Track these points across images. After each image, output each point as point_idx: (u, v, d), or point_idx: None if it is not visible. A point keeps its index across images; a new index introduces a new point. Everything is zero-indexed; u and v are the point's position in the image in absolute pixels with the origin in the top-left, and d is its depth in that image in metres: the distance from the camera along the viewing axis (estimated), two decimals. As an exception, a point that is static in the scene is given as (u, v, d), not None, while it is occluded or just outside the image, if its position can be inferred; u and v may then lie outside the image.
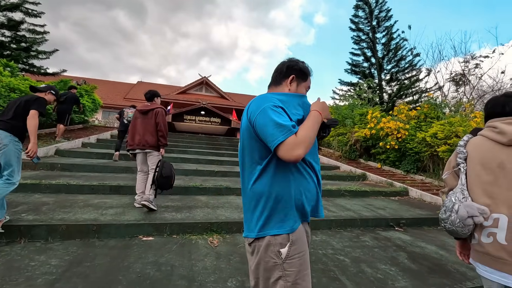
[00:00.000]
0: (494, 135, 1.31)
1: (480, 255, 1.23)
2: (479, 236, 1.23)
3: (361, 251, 2.77)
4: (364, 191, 5.27)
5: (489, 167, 1.28)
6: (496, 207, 1.20)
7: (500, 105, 1.37)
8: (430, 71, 15.15)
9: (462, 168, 1.37)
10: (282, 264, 1.03)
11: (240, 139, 1.21)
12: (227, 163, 6.99)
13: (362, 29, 16.00)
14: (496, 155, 1.27)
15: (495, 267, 1.17)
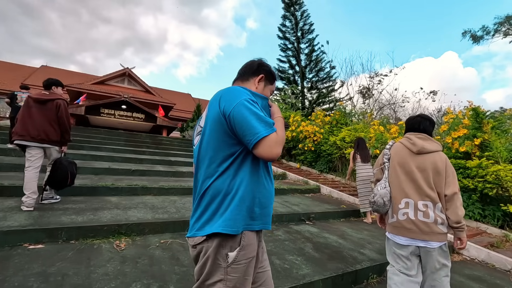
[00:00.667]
0: (409, 145, 1.88)
1: (398, 229, 1.80)
2: (396, 216, 1.82)
3: (273, 244, 2.94)
4: (283, 189, 5.63)
5: (403, 167, 1.86)
6: (406, 195, 1.80)
7: (417, 123, 1.94)
8: (343, 83, 17.19)
9: (386, 166, 1.95)
10: (226, 268, 0.99)
11: (202, 132, 1.11)
12: (148, 162, 6.55)
13: (288, 38, 17.12)
14: (408, 160, 1.86)
15: (408, 235, 1.76)
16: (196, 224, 1.04)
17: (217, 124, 1.03)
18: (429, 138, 1.89)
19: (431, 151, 1.83)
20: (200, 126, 1.19)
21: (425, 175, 1.79)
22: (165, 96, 25.96)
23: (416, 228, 1.74)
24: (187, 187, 4.51)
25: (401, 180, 1.85)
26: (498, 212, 4.78)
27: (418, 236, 1.73)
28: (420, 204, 1.76)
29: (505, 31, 16.52)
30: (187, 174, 5.82)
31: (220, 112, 1.03)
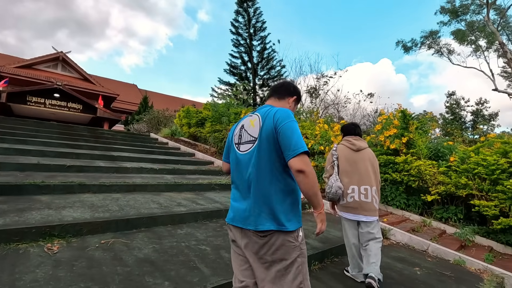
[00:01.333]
0: (350, 145, 2.67)
1: (347, 208, 2.58)
2: (346, 199, 2.57)
3: (222, 239, 2.96)
4: (233, 184, 5.67)
5: (349, 162, 2.59)
6: (352, 183, 2.54)
7: (352, 129, 2.80)
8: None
9: (335, 163, 2.63)
10: (299, 245, 1.32)
11: (258, 144, 1.32)
12: (86, 157, 5.98)
13: (241, 34, 17.16)
14: (352, 156, 2.62)
15: (354, 212, 2.54)
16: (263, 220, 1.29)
17: (272, 136, 1.29)
18: (360, 139, 2.74)
19: (365, 147, 2.68)
20: (248, 133, 1.39)
21: (365, 166, 2.57)
22: (107, 85, 23.90)
23: (360, 207, 2.51)
24: (132, 184, 4.26)
25: (348, 172, 2.57)
26: (419, 201, 5.52)
27: (360, 212, 2.52)
28: (362, 189, 2.51)
29: (429, 44, 18.97)
30: (132, 170, 5.48)
31: (273, 126, 1.29)
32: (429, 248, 3.84)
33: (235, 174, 1.45)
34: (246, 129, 1.42)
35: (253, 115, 1.44)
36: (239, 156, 1.41)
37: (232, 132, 1.54)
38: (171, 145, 10.63)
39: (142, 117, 16.98)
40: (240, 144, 1.43)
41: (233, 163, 1.47)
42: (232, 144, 1.49)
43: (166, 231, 3.00)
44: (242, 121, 1.49)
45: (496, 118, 25.42)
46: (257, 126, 1.35)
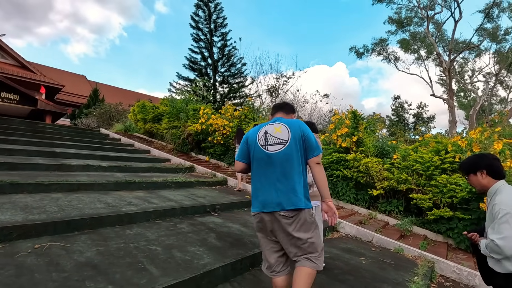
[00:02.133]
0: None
1: (313, 197, 2.24)
2: (313, 188, 2.55)
3: (176, 238, 2.87)
4: (190, 182, 5.53)
5: None
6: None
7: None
8: (253, 80, 18.04)
9: None
10: (313, 218, 1.81)
11: (289, 145, 1.77)
12: (21, 153, 5.35)
13: (201, 28, 16.75)
14: None
15: (315, 199, 2.39)
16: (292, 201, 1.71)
17: (300, 140, 1.79)
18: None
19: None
20: (276, 137, 1.80)
21: None
22: (51, 75, 21.65)
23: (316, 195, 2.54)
24: (76, 182, 3.91)
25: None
26: (366, 196, 5.95)
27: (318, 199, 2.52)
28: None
29: (378, 50, 20.50)
30: (77, 167, 5.04)
31: (300, 132, 1.80)
32: (373, 239, 4.15)
33: (261, 170, 1.82)
34: (271, 134, 1.83)
35: (275, 124, 1.88)
36: (269, 154, 1.79)
37: (255, 137, 1.88)
38: (124, 141, 10.01)
39: (92, 111, 15.72)
40: (268, 145, 1.81)
41: (259, 161, 1.83)
42: (257, 146, 1.84)
43: (113, 232, 2.81)
44: (264, 127, 1.90)
45: (433, 120, 28.49)
46: (285, 132, 1.81)
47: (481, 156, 1.96)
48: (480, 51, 20.05)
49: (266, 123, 1.93)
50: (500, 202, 1.71)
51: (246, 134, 1.99)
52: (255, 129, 1.94)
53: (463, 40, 19.84)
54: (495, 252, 1.68)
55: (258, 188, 1.81)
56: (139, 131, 12.69)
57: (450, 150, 4.91)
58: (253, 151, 1.86)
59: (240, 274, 2.55)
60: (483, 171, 1.83)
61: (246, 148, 1.93)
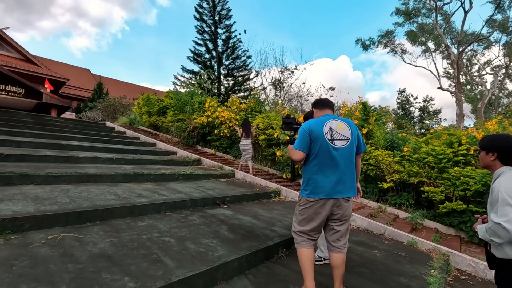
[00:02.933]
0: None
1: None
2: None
3: (188, 230, 2.83)
4: (197, 174, 5.48)
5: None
6: None
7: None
8: (258, 73, 17.87)
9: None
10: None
11: (350, 142, 2.09)
12: (29, 145, 5.33)
13: (205, 20, 16.56)
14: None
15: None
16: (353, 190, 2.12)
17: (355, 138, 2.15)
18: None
19: None
20: (340, 133, 2.08)
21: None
22: (55, 68, 21.65)
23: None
24: (85, 174, 3.88)
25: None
26: (376, 189, 5.87)
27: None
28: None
29: (385, 43, 20.15)
30: (85, 159, 5.01)
31: (356, 132, 2.15)
32: (385, 232, 4.09)
33: (326, 161, 2.04)
34: (335, 130, 2.07)
35: (336, 121, 2.11)
36: (337, 148, 2.04)
37: (321, 130, 2.05)
38: (130, 134, 9.98)
39: (97, 105, 15.71)
40: (334, 140, 2.05)
41: (324, 153, 2.04)
42: (324, 139, 2.04)
43: (124, 223, 2.77)
44: (327, 123, 2.09)
45: (439, 114, 28.13)
46: (347, 130, 2.11)
47: (501, 138, 1.83)
48: (490, 43, 19.63)
49: (325, 118, 2.13)
50: (500, 185, 1.64)
51: (307, 126, 2.08)
52: (317, 123, 2.10)
53: (472, 32, 19.43)
54: (497, 236, 1.61)
55: (321, 178, 2.04)
56: (144, 124, 12.66)
57: (464, 142, 4.80)
58: (320, 144, 2.04)
59: (255, 266, 2.50)
60: (494, 153, 1.74)
61: (309, 140, 2.06)
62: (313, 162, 2.08)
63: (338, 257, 2.10)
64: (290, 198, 5.39)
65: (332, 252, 2.13)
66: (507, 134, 1.86)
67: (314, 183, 2.07)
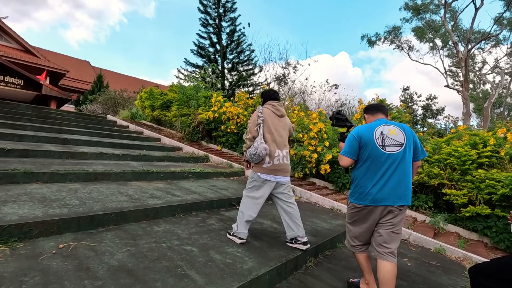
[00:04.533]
0: (274, 110, 2.67)
1: (271, 171, 2.52)
2: (273, 161, 2.53)
3: (209, 236, 2.60)
4: (208, 172, 5.25)
5: (274, 126, 2.59)
6: (277, 146, 2.55)
7: (275, 94, 2.80)
8: (261, 69, 17.53)
9: (261, 125, 2.55)
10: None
11: (404, 147, 1.99)
12: (31, 139, 5.07)
13: (210, 13, 16.14)
14: (276, 121, 2.63)
15: (277, 174, 2.54)
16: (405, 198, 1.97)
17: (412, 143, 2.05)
18: (282, 105, 2.78)
19: (285, 115, 2.75)
20: (392, 139, 2.00)
21: (285, 131, 2.69)
22: (55, 60, 21.24)
23: (283, 169, 2.59)
24: (93, 172, 3.63)
25: (273, 136, 2.57)
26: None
27: (283, 174, 2.59)
28: (284, 152, 2.60)
29: (391, 39, 19.82)
30: (91, 155, 4.76)
31: (412, 137, 2.04)
32: (410, 237, 3.88)
33: (377, 167, 1.99)
34: (387, 135, 2.02)
35: (388, 126, 2.06)
36: (388, 154, 1.98)
37: (371, 136, 2.03)
38: (132, 128, 9.73)
39: (97, 97, 15.38)
40: (385, 146, 2.00)
41: (375, 159, 2.00)
42: (374, 145, 2.00)
43: (140, 228, 2.54)
44: (378, 128, 2.05)
45: (442, 112, 27.95)
46: (401, 135, 2.02)
47: None
48: (498, 41, 19.34)
49: (376, 123, 2.10)
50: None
51: (357, 132, 2.09)
52: (367, 129, 2.08)
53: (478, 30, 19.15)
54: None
55: (371, 184, 1.99)
56: (146, 118, 12.38)
57: (492, 143, 4.57)
58: (370, 150, 2.02)
59: (285, 278, 2.29)
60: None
61: (358, 146, 2.06)
62: (362, 168, 2.06)
63: (384, 265, 1.97)
64: (304, 199, 5.17)
65: (378, 258, 2.04)
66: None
67: (361, 189, 2.04)
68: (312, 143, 5.89)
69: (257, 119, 2.58)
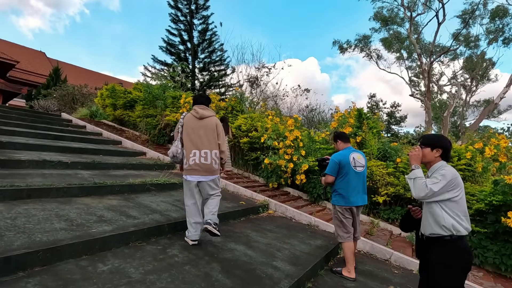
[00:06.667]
0: (194, 113, 2.87)
1: (189, 171, 2.76)
2: (188, 162, 2.76)
3: (169, 274, 2.10)
4: (173, 183, 4.68)
5: (192, 129, 2.81)
6: (194, 147, 2.76)
7: (199, 99, 3.00)
8: (234, 69, 17.07)
9: (179, 130, 2.87)
10: None
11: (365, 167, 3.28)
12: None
13: (181, 9, 15.35)
14: (195, 123, 2.83)
15: (195, 174, 2.75)
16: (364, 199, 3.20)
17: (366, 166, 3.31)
18: (206, 107, 2.95)
19: (209, 116, 2.88)
20: (359, 161, 3.13)
21: (205, 133, 2.81)
22: (2, 48, 18.95)
23: (200, 168, 2.74)
24: (26, 188, 2.93)
25: (190, 138, 2.79)
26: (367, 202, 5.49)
27: (200, 173, 2.75)
28: (202, 152, 2.76)
29: (361, 47, 20.42)
30: (29, 163, 3.97)
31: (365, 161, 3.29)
32: (391, 257, 3.67)
33: (354, 181, 3.03)
34: (356, 159, 3.10)
35: (356, 153, 3.16)
36: (357, 172, 3.07)
37: (348, 159, 3.05)
38: (90, 129, 8.76)
39: (52, 92, 13.91)
40: (356, 166, 3.07)
41: (351, 175, 3.03)
42: (351, 166, 3.03)
43: (78, 268, 1.97)
44: (351, 155, 3.09)
45: (405, 120, 29.51)
46: (362, 159, 3.19)
47: (444, 136, 2.19)
48: (456, 55, 20.77)
49: (348, 150, 3.15)
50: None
51: (337, 158, 3.07)
52: (344, 156, 3.08)
53: (438, 44, 20.42)
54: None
55: (351, 192, 3.01)
56: (107, 117, 11.34)
57: (468, 157, 4.56)
58: (348, 169, 3.02)
59: (263, 330, 1.87)
60: (439, 149, 1.98)
61: (338, 167, 3.05)
62: (343, 181, 3.04)
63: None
64: (279, 213, 4.80)
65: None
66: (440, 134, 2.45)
67: (345, 195, 3.03)
68: (288, 151, 5.56)
69: (178, 124, 2.92)
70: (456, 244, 1.82)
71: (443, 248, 1.85)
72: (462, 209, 1.85)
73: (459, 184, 1.87)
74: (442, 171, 1.88)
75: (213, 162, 2.78)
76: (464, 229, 1.82)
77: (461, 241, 1.83)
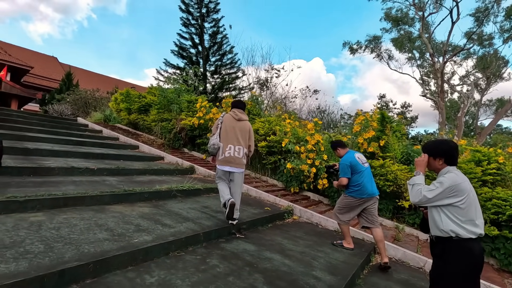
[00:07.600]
0: (233, 115, 3.44)
1: (223, 162, 3.31)
2: (224, 154, 3.30)
3: (216, 287, 2.08)
4: (197, 189, 4.68)
5: (230, 127, 3.37)
6: (230, 143, 3.32)
7: (238, 104, 3.58)
8: (244, 73, 17.07)
9: (219, 126, 3.41)
10: None
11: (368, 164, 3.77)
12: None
13: (192, 12, 15.45)
14: (233, 123, 3.39)
15: (227, 165, 3.31)
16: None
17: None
18: (243, 112, 3.50)
19: (245, 119, 3.48)
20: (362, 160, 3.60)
21: (241, 132, 3.37)
22: (17, 54, 19.37)
23: (233, 161, 3.29)
24: (62, 196, 2.96)
25: (228, 134, 3.33)
26: (390, 205, 5.41)
27: (233, 165, 3.30)
28: (236, 148, 3.31)
29: (371, 47, 20.24)
30: (59, 171, 4.02)
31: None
32: (425, 265, 3.59)
33: (366, 175, 3.49)
34: (360, 158, 3.57)
35: (357, 153, 3.65)
36: (365, 167, 3.53)
37: (355, 159, 3.51)
38: (107, 133, 8.85)
39: (65, 97, 14.09)
40: (363, 163, 3.54)
41: (361, 171, 3.46)
42: (359, 164, 3.49)
43: (126, 280, 1.96)
44: (355, 155, 3.58)
45: (416, 120, 29.13)
46: (363, 158, 3.66)
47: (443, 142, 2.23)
48: (469, 54, 20.41)
49: (351, 153, 3.63)
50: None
51: (347, 161, 3.49)
52: (351, 157, 3.52)
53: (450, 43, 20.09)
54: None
55: (367, 184, 3.44)
56: (121, 122, 11.44)
57: (501, 161, 4.44)
58: (359, 167, 3.46)
59: None
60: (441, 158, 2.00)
61: (350, 168, 3.45)
62: (356, 178, 3.43)
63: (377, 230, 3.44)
64: (305, 219, 4.75)
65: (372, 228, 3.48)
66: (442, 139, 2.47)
67: (360, 189, 3.41)
68: (310, 156, 5.52)
69: (218, 121, 3.45)
70: (460, 244, 1.84)
71: (443, 246, 1.91)
72: (468, 215, 1.84)
73: (463, 190, 1.85)
74: (441, 178, 1.91)
75: (243, 157, 3.38)
76: (468, 233, 1.81)
77: (466, 242, 1.82)
